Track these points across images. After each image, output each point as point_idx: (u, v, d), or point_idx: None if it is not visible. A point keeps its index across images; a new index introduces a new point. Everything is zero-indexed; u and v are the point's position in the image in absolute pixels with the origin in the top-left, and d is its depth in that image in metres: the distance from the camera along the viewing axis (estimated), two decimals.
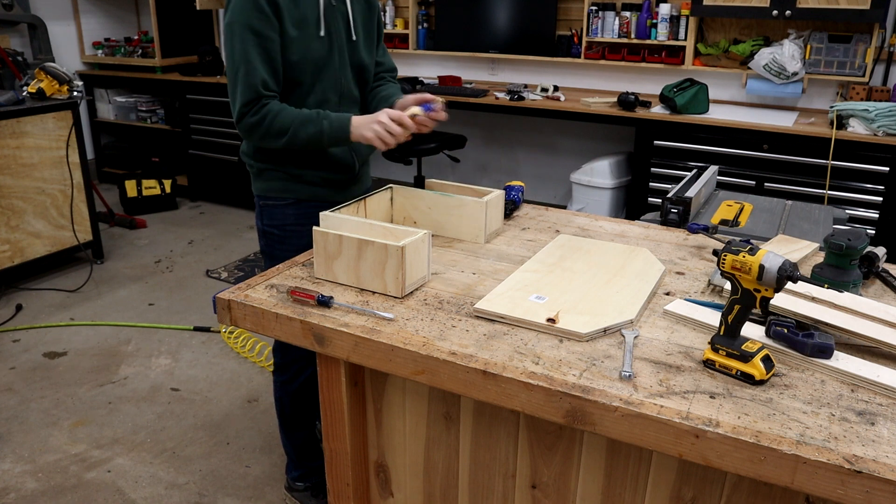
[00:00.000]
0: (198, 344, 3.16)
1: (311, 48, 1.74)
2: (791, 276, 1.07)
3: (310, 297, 1.36)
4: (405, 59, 5.06)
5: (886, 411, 1.05)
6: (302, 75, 1.75)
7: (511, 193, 1.94)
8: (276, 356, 2.02)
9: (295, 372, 1.98)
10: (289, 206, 1.86)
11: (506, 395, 1.14)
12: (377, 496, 1.58)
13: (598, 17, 4.22)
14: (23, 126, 3.54)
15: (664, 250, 1.68)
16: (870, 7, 3.33)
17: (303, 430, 2.07)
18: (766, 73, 3.71)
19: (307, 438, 2.09)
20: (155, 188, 5.01)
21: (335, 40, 1.78)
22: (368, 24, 1.89)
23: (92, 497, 2.22)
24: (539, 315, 1.29)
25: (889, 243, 3.05)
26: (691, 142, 3.62)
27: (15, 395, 2.75)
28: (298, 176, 1.84)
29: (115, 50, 5.41)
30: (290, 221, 1.86)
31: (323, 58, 1.77)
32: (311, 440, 2.10)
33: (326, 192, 1.88)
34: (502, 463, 1.37)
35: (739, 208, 2.09)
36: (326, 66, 1.78)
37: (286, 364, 1.99)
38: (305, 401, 2.02)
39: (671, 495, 1.20)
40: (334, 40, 1.78)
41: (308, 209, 1.84)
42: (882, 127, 3.17)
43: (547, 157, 4.85)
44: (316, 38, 1.74)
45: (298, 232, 1.82)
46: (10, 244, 3.59)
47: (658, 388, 1.10)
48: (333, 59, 1.79)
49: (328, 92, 1.80)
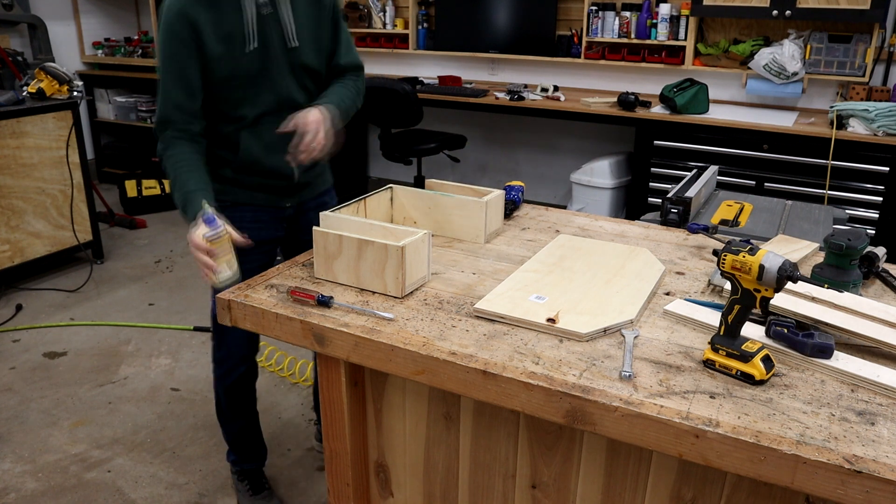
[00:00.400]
0: (198, 344, 3.16)
1: (240, 64, 1.69)
2: (791, 276, 1.07)
3: (310, 297, 1.36)
4: (405, 60, 5.06)
5: (886, 411, 1.05)
6: (233, 90, 1.72)
7: (511, 193, 1.94)
8: (213, 347, 2.04)
9: (229, 368, 2.01)
10: (226, 208, 1.80)
11: (506, 395, 1.14)
12: (377, 496, 1.58)
13: (598, 17, 4.22)
14: (23, 126, 3.54)
15: (664, 250, 1.68)
16: (870, 7, 3.34)
17: (238, 420, 2.12)
18: (766, 73, 3.71)
19: (243, 430, 2.14)
20: (155, 188, 5.01)
21: (270, 51, 1.73)
22: (316, 26, 1.81)
23: (92, 497, 2.22)
24: (539, 315, 1.29)
25: (889, 243, 3.05)
26: (691, 142, 3.62)
27: (15, 395, 2.75)
28: (235, 180, 1.82)
29: (115, 50, 5.41)
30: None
31: (255, 70, 1.72)
32: (247, 433, 2.15)
33: (266, 197, 1.86)
34: (502, 463, 1.37)
35: (739, 208, 2.09)
36: (261, 77, 1.73)
37: (222, 359, 2.02)
38: (240, 396, 2.07)
39: (671, 495, 1.20)
40: (270, 51, 1.73)
41: (245, 212, 1.82)
42: (882, 127, 3.17)
43: (547, 157, 4.85)
44: (244, 53, 1.69)
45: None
46: (10, 244, 3.59)
47: (658, 388, 1.10)
48: (269, 70, 1.74)
49: (265, 102, 1.76)
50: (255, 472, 2.19)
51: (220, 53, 1.68)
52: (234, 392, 2.06)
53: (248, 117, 1.76)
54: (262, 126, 1.77)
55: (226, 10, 1.67)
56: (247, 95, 1.74)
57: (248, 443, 2.16)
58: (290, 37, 1.75)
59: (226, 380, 2.03)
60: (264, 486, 2.19)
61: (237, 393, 2.06)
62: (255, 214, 1.86)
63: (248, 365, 2.04)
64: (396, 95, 3.95)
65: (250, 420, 2.14)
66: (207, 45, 1.66)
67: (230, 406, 2.08)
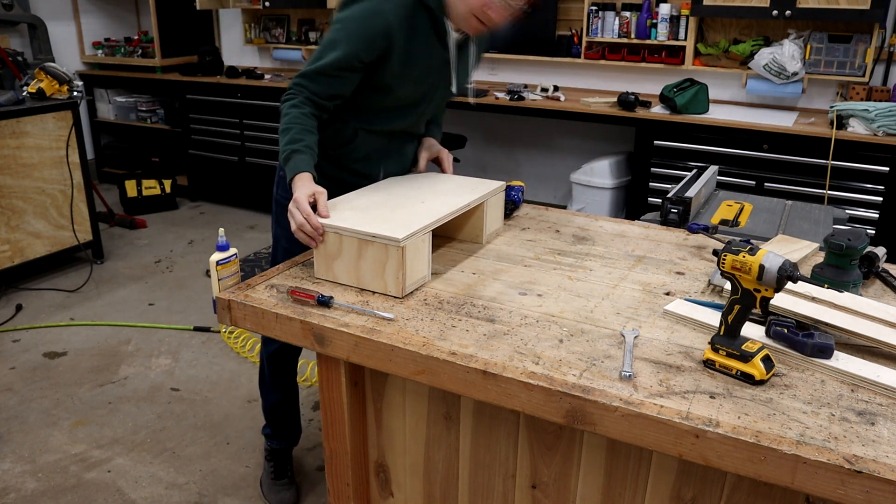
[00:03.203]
0: (198, 344, 3.16)
1: (406, 92, 1.73)
2: (791, 276, 1.07)
3: (310, 297, 1.36)
4: None
5: (886, 411, 1.05)
6: (383, 107, 1.75)
7: (511, 193, 1.94)
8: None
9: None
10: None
11: (506, 395, 1.14)
12: (377, 496, 1.58)
13: (598, 17, 4.22)
14: (23, 126, 3.54)
15: (664, 250, 1.68)
16: (870, 7, 3.33)
17: (277, 392, 2.16)
18: (766, 73, 3.71)
19: (280, 403, 2.18)
20: (155, 188, 5.01)
21: (437, 92, 1.78)
22: (468, 72, 1.85)
23: (92, 497, 2.22)
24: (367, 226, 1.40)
25: (889, 243, 3.05)
26: (691, 142, 3.62)
27: (15, 395, 2.75)
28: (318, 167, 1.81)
29: (115, 50, 5.41)
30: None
31: (413, 101, 1.77)
32: (284, 408, 2.20)
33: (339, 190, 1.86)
34: (502, 463, 1.37)
35: (739, 208, 2.09)
36: (413, 106, 1.78)
37: None
38: (281, 367, 2.12)
39: (671, 495, 1.20)
40: (437, 92, 1.78)
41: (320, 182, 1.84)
42: (882, 127, 3.17)
43: (547, 157, 4.85)
44: (416, 84, 1.72)
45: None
46: (10, 244, 3.59)
47: (658, 388, 1.10)
48: (422, 103, 1.79)
49: (401, 124, 1.81)
50: (283, 453, 2.23)
51: (397, 74, 1.67)
52: (276, 361, 2.10)
53: (378, 128, 1.79)
54: (380, 136, 1.82)
55: (420, 37, 1.65)
56: (391, 116, 1.78)
57: (282, 418, 2.21)
58: (453, 81, 1.78)
59: (270, 346, 2.07)
60: (286, 472, 2.22)
61: (279, 363, 2.10)
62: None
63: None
64: None
65: (288, 395, 2.19)
66: (391, 61, 1.64)
67: (272, 375, 2.13)
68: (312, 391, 2.79)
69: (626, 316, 1.34)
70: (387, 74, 1.66)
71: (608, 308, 1.37)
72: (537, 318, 1.32)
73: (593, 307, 1.38)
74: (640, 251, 1.67)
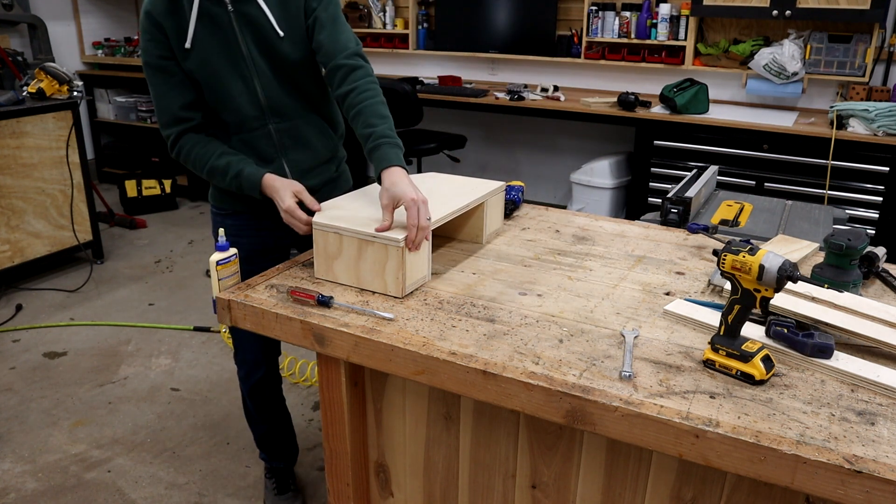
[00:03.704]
0: (198, 344, 3.16)
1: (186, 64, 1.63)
2: (791, 276, 1.07)
3: (310, 297, 1.36)
4: (405, 60, 5.06)
5: (886, 411, 1.05)
6: (212, 103, 1.67)
7: (511, 193, 1.94)
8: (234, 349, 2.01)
9: (248, 370, 1.99)
10: (227, 216, 1.80)
11: (506, 395, 1.14)
12: (377, 496, 1.58)
13: (598, 17, 4.22)
14: (23, 126, 3.54)
15: (664, 250, 1.68)
16: (870, 7, 3.34)
17: (262, 424, 2.10)
18: (766, 73, 3.72)
19: (268, 433, 2.12)
20: (155, 188, 5.01)
21: (232, 49, 1.63)
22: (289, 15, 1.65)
23: (92, 497, 2.22)
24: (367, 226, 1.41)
25: (889, 243, 3.05)
26: (691, 142, 3.62)
27: (15, 395, 2.75)
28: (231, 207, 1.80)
29: (115, 50, 5.41)
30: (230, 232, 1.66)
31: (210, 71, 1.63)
32: (273, 436, 2.13)
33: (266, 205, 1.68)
34: (502, 463, 1.37)
35: (739, 208, 2.09)
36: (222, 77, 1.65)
37: (241, 361, 2.00)
38: (263, 399, 2.04)
39: (671, 495, 1.20)
40: (231, 49, 1.63)
41: (243, 221, 1.80)
42: (882, 127, 3.17)
43: (547, 157, 4.85)
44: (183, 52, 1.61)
45: (235, 243, 1.60)
46: (10, 244, 3.59)
47: (658, 388, 1.10)
48: (233, 79, 1.64)
49: (241, 112, 1.67)
50: (283, 470, 2.19)
51: (184, 57, 1.61)
52: (258, 395, 2.03)
53: (232, 123, 1.69)
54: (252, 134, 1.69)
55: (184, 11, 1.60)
56: (224, 107, 1.66)
57: (274, 444, 2.15)
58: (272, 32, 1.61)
59: (247, 381, 2.00)
60: (289, 486, 2.18)
61: (260, 397, 2.03)
62: (257, 222, 1.80)
63: (265, 369, 1.98)
64: (396, 95, 3.95)
65: (276, 424, 2.11)
66: (174, 45, 1.61)
67: (256, 409, 2.06)
68: (312, 391, 2.79)
69: (626, 316, 1.34)
70: (184, 63, 1.62)
71: (608, 308, 1.37)
72: (537, 318, 1.32)
73: (593, 307, 1.38)
74: (640, 251, 1.67)
